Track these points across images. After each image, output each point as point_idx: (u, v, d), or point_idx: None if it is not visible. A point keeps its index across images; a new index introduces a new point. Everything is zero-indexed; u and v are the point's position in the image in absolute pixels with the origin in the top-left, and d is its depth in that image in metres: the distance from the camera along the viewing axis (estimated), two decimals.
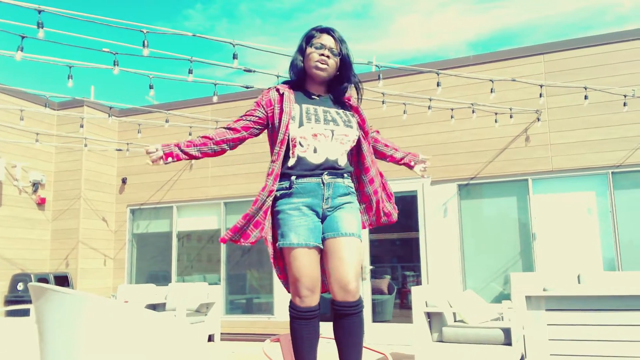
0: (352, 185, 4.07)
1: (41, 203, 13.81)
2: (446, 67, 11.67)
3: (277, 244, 3.91)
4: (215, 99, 9.30)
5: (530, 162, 11.34)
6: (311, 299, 3.80)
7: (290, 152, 3.91)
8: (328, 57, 3.97)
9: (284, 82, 4.21)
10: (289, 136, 3.90)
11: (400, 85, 12.06)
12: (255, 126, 4.09)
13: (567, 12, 40.30)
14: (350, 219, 3.90)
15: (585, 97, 10.25)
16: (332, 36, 4.01)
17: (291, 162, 3.91)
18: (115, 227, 14.85)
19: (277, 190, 3.94)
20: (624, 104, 10.44)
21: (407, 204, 12.13)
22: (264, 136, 4.19)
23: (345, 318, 3.77)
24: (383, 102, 10.08)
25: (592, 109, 10.92)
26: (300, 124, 3.88)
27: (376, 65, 8.69)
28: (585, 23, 40.32)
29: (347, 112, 4.09)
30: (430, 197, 11.90)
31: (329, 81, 4.13)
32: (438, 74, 9.35)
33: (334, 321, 3.82)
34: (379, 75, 8.79)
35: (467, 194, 11.79)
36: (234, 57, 7.52)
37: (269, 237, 3.96)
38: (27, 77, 38.07)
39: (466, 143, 11.80)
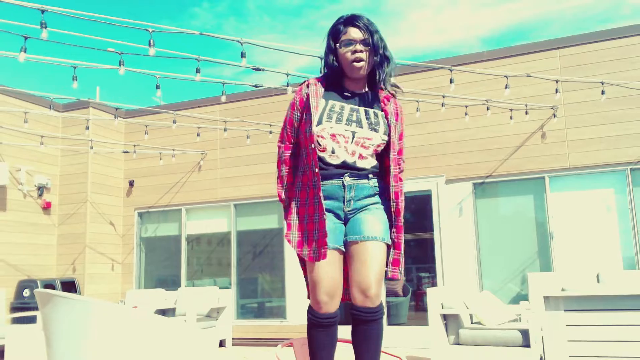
0: (378, 185, 3.89)
1: (47, 207, 13.85)
2: (459, 63, 11.65)
3: None
4: (223, 98, 9.30)
5: (546, 159, 11.31)
6: (330, 305, 3.69)
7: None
8: (362, 51, 3.79)
9: (321, 76, 4.03)
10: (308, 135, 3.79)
11: (413, 82, 12.03)
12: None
13: (583, 5, 40.14)
14: (374, 221, 3.76)
15: (603, 92, 10.21)
16: (358, 26, 3.81)
17: None
18: (123, 231, 14.88)
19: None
20: None
21: (422, 203, 12.12)
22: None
23: (364, 324, 3.69)
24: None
25: (609, 104, 10.88)
26: (319, 122, 3.76)
27: None
28: (602, 16, 40.14)
29: (379, 114, 3.89)
30: (445, 197, 11.88)
31: (369, 75, 3.97)
32: (451, 71, 9.33)
33: (353, 326, 3.75)
34: (391, 72, 8.78)
35: (482, 193, 11.77)
36: (242, 55, 7.52)
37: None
38: (31, 78, 38.17)
39: (481, 140, 11.77)
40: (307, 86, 3.94)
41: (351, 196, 3.79)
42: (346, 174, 3.78)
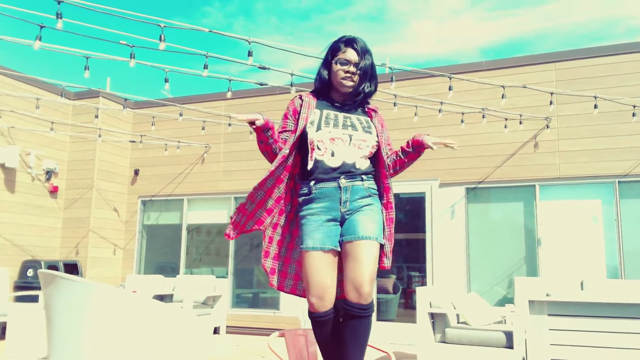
0: (374, 186, 4.04)
1: (54, 191, 13.84)
2: (458, 71, 11.65)
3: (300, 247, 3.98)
4: (229, 94, 9.29)
5: (538, 168, 11.31)
6: (320, 305, 3.82)
7: (309, 155, 3.94)
8: (354, 73, 4.00)
9: (311, 91, 4.24)
10: (306, 140, 3.95)
11: (413, 87, 12.03)
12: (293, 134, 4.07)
13: (579, 22, 40.21)
14: (368, 222, 3.87)
15: (595, 106, 10.23)
16: (356, 50, 4.01)
17: (310, 165, 3.94)
18: (126, 217, 14.88)
19: (299, 197, 4.03)
20: (633, 115, 10.42)
21: (415, 205, 12.12)
22: None
23: (354, 319, 3.78)
24: (395, 104, 10.07)
25: (601, 118, 10.89)
26: (318, 128, 3.92)
27: (389, 67, 8.69)
28: (597, 34, 40.22)
29: (368, 119, 4.11)
30: (438, 199, 11.88)
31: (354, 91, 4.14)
32: (450, 78, 9.34)
33: (342, 319, 3.84)
34: (391, 77, 8.79)
35: (474, 198, 11.77)
36: (249, 54, 7.52)
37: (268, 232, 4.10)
38: (45, 66, 38.18)
39: (475, 147, 11.77)
40: (300, 98, 4.14)
41: (347, 197, 3.91)
42: (342, 177, 3.91)
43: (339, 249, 3.88)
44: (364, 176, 3.97)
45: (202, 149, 14.26)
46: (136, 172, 14.92)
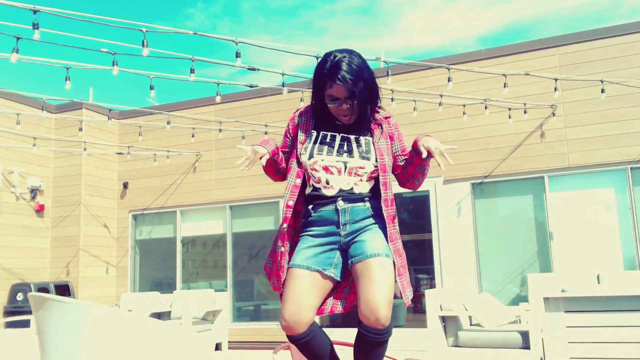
0: (372, 206, 3.88)
1: (40, 210, 13.84)
2: (457, 62, 11.66)
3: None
4: (218, 99, 9.30)
5: (545, 158, 11.32)
6: (291, 327, 3.65)
7: (307, 181, 3.91)
8: (348, 107, 3.75)
9: (311, 105, 4.05)
10: (299, 165, 3.88)
11: (410, 81, 12.04)
12: (293, 158, 4.00)
13: (580, 4, 40.23)
14: (374, 239, 3.75)
15: (602, 91, 10.23)
16: (342, 82, 3.68)
17: (307, 190, 3.91)
18: (117, 233, 14.87)
19: (301, 219, 3.95)
20: None
21: (419, 204, 12.13)
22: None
23: (369, 345, 3.65)
24: (392, 99, 10.08)
25: (608, 102, 10.89)
26: (311, 156, 3.82)
27: (384, 61, 8.69)
28: (599, 15, 40.21)
29: (370, 140, 3.89)
30: (443, 197, 11.89)
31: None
32: (449, 69, 9.34)
33: (357, 339, 3.70)
34: (387, 72, 8.78)
35: (481, 193, 11.78)
36: (237, 55, 7.52)
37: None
38: (23, 79, 38.09)
39: (479, 140, 11.78)
40: (299, 115, 4.04)
41: (346, 220, 3.80)
42: (339, 199, 3.80)
43: (329, 274, 3.77)
44: (365, 198, 3.86)
45: (193, 158, 14.26)
46: (125, 186, 14.92)
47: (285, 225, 3.86)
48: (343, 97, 3.73)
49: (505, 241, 11.54)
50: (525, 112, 11.10)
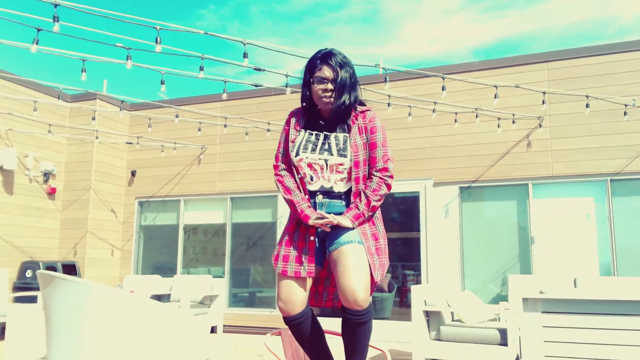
0: (347, 203, 4.01)
1: (51, 193, 13.83)
2: (451, 72, 11.65)
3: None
4: (224, 96, 9.29)
5: (531, 167, 11.33)
6: (288, 308, 3.87)
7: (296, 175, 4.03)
8: (332, 90, 3.90)
9: (301, 107, 4.18)
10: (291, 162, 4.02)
11: (406, 88, 12.04)
12: None
13: (570, 23, 40.22)
14: (347, 229, 3.85)
15: (587, 106, 10.24)
16: (331, 66, 3.91)
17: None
18: (124, 218, 14.86)
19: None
20: (625, 113, 10.45)
21: (410, 204, 12.13)
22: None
23: (353, 326, 3.77)
24: (389, 105, 10.07)
25: (593, 117, 10.91)
26: (297, 154, 3.95)
27: (383, 68, 8.68)
28: (588, 34, 40.22)
29: (348, 137, 3.97)
30: (432, 199, 11.89)
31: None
32: (443, 79, 9.34)
33: (342, 322, 3.83)
34: (385, 78, 8.78)
35: (468, 197, 11.78)
36: (244, 55, 7.51)
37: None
38: (42, 69, 38.08)
39: (469, 147, 11.78)
40: (293, 115, 4.17)
41: (323, 212, 3.93)
42: (319, 193, 3.96)
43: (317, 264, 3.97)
44: (343, 196, 3.99)
45: (199, 150, 14.25)
46: (133, 174, 14.90)
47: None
48: (330, 79, 3.89)
49: (489, 243, 11.54)
50: (513, 122, 11.11)
